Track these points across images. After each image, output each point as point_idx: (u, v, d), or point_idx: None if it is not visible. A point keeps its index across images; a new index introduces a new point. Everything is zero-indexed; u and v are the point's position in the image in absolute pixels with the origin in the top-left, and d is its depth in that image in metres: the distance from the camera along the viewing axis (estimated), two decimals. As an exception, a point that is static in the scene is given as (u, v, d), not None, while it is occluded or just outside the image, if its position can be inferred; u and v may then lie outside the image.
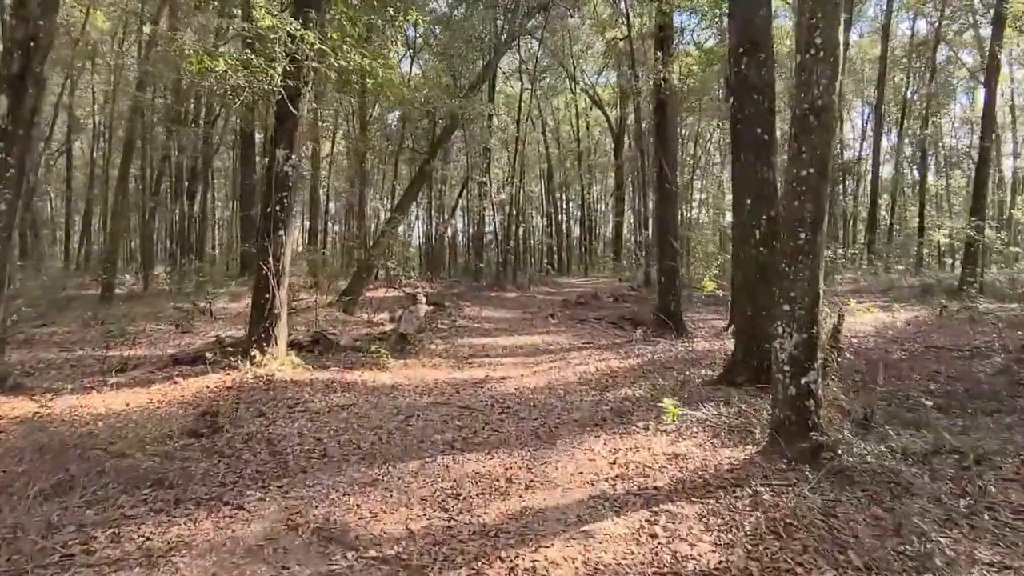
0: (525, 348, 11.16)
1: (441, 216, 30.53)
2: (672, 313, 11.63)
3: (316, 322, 11.48)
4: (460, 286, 22.05)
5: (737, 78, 7.18)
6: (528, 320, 14.96)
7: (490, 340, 11.90)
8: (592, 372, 8.89)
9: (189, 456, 5.24)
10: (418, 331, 11.38)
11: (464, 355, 10.38)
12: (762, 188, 7.11)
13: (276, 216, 8.16)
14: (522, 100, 26.21)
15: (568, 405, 7.08)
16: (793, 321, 4.89)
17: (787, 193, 4.86)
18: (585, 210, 40.75)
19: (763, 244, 7.11)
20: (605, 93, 40.45)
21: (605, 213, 51.63)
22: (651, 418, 6.35)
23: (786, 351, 4.93)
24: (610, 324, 14.15)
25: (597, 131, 45.01)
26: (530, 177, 46.08)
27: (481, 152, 23.99)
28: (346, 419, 6.43)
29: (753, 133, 7.12)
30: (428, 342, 11.21)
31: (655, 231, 12.09)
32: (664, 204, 11.76)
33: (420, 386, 7.99)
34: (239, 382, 7.53)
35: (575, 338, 12.31)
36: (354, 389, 7.63)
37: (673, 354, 10.19)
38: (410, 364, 9.41)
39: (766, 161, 7.13)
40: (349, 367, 8.86)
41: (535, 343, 11.70)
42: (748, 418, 6.07)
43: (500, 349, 11.02)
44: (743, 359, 7.31)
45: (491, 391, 7.78)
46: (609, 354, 10.42)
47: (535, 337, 12.40)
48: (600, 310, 16.36)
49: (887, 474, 4.70)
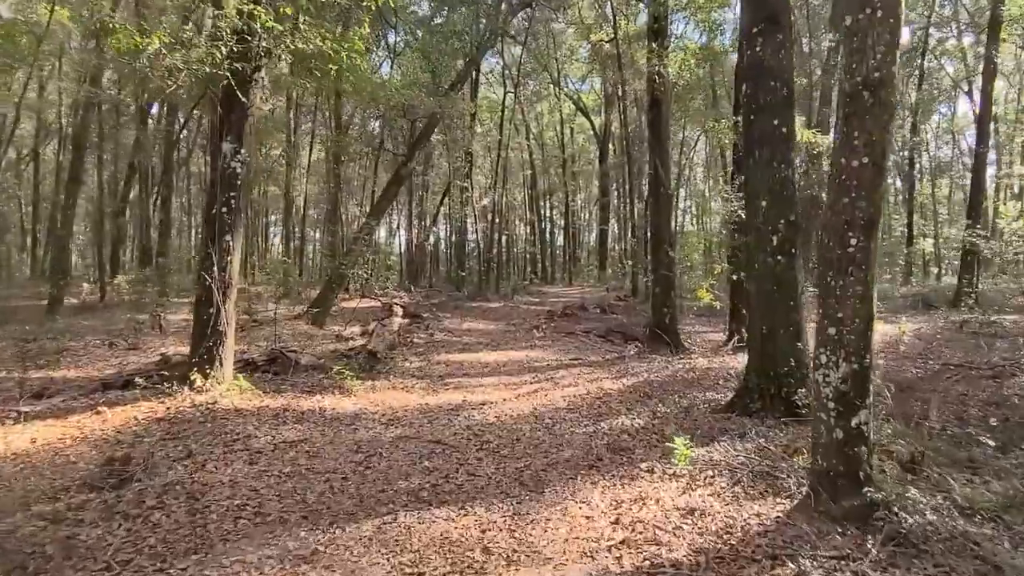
0: (508, 366, 10.12)
1: (423, 224, 29.46)
2: (667, 327, 10.67)
3: (277, 337, 10.35)
4: (441, 296, 20.97)
5: (751, 61, 6.24)
6: (511, 333, 13.93)
7: (470, 356, 10.84)
8: (583, 395, 7.87)
9: (83, 519, 4.13)
10: (391, 347, 10.29)
11: (440, 374, 9.32)
12: (780, 188, 6.16)
13: (222, 219, 7.05)
14: (505, 104, 25.21)
15: (557, 439, 6.04)
16: (840, 347, 3.91)
17: (834, 189, 3.89)
18: (569, 218, 39.84)
19: (781, 252, 6.15)
20: (589, 100, 39.70)
21: (589, 221, 50.84)
22: (656, 457, 5.33)
23: (831, 384, 3.94)
24: (599, 337, 13.16)
25: (581, 138, 44.24)
26: (513, 184, 45.17)
27: (463, 156, 22.99)
28: (294, 460, 5.34)
29: (769, 125, 6.17)
30: (402, 359, 10.13)
31: (648, 238, 11.09)
32: (658, 209, 10.83)
33: (387, 414, 6.91)
34: (173, 412, 6.39)
35: (562, 354, 11.30)
36: (309, 419, 6.53)
37: (671, 373, 9.20)
38: (379, 386, 8.32)
39: (784, 157, 6.18)
40: (308, 391, 7.74)
41: (519, 359, 10.67)
42: (772, 459, 5.07)
43: (480, 367, 9.96)
44: (757, 384, 6.32)
45: (468, 420, 6.72)
46: (600, 372, 9.41)
47: (519, 352, 11.37)
48: (588, 322, 15.37)
49: (958, 539, 3.72)
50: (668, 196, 10.81)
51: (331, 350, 10.43)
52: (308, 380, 8.29)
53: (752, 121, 6.33)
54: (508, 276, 32.35)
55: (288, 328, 12.71)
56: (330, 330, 12.99)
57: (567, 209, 39.50)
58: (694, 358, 10.38)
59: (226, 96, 7.18)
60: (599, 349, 11.79)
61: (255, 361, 8.63)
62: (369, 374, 8.83)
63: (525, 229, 47.39)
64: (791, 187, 6.21)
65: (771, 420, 6.06)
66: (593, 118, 38.23)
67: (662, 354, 10.57)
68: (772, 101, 6.18)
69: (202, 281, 7.02)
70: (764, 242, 6.23)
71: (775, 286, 6.19)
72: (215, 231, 7.01)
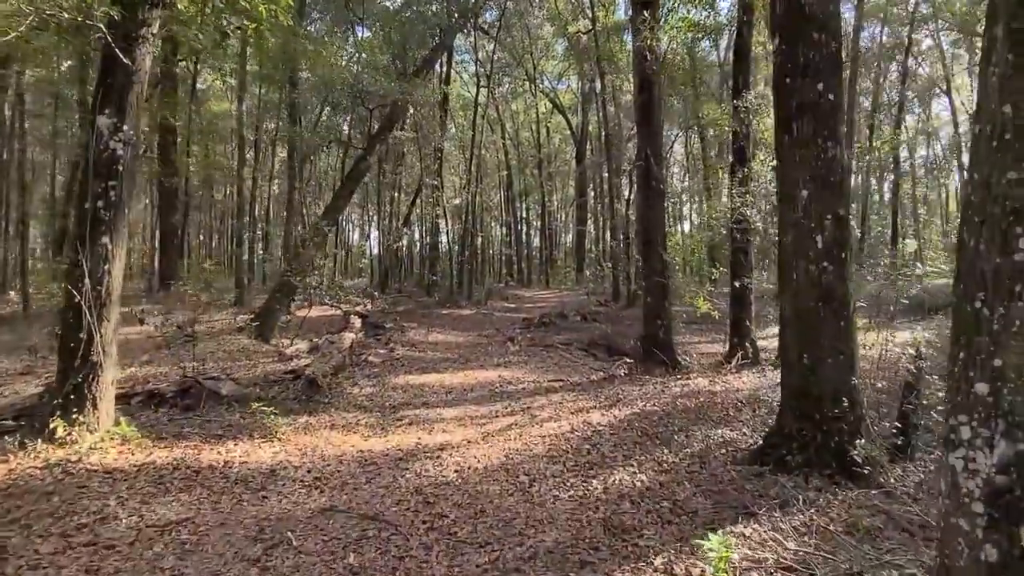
0: (476, 390, 8.49)
1: (393, 225, 27.65)
2: (661, 342, 9.14)
3: (197, 360, 8.59)
4: (409, 302, 19.25)
5: (787, 8, 4.71)
6: (483, 346, 12.29)
7: (433, 378, 9.18)
8: (567, 434, 6.27)
9: None
10: (338, 369, 8.59)
11: (395, 404, 7.64)
12: (826, 172, 4.63)
13: (97, 216, 5.31)
14: (478, 99, 23.57)
15: (536, 509, 4.43)
16: (998, 415, 2.36)
17: (994, 162, 2.34)
18: (546, 219, 38.31)
19: (828, 257, 4.62)
20: (566, 99, 38.25)
21: (566, 222, 49.45)
22: (673, 546, 3.76)
23: (980, 475, 2.39)
24: (581, 351, 11.60)
25: (558, 138, 42.78)
26: (489, 185, 43.53)
27: (433, 153, 21.30)
28: (156, 561, 3.65)
29: (812, 90, 4.64)
30: (350, 384, 8.44)
31: (638, 239, 9.59)
32: (649, 206, 9.29)
33: (315, 468, 5.23)
34: (14, 477, 4.65)
35: (540, 372, 9.70)
36: (205, 482, 4.83)
37: (670, 399, 7.66)
38: (314, 424, 6.63)
39: (832, 132, 4.66)
40: (218, 434, 6.02)
41: (490, 381, 9.04)
42: (843, 550, 3.52)
43: (444, 393, 8.31)
44: (797, 429, 4.78)
45: (420, 477, 5.08)
46: (586, 399, 7.82)
47: (490, 372, 9.74)
48: (567, 332, 13.80)
49: None
50: (660, 191, 9.29)
51: (267, 373, 8.70)
52: (224, 417, 6.56)
53: (788, 87, 4.79)
54: (483, 279, 30.72)
55: (227, 344, 10.93)
56: (276, 345, 11.23)
57: (544, 210, 37.98)
58: (693, 378, 8.86)
59: (104, 56, 5.45)
60: (582, 366, 10.22)
61: (162, 393, 6.88)
62: (306, 406, 7.13)
63: (502, 230, 45.82)
64: (841, 171, 4.68)
65: (818, 479, 4.52)
66: (570, 117, 36.81)
67: (656, 374, 9.03)
68: (816, 59, 4.64)
69: (69, 297, 5.26)
70: (805, 244, 4.69)
71: (820, 301, 4.65)
72: (87, 232, 5.26)
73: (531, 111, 37.80)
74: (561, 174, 44.68)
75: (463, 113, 33.05)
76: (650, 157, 9.08)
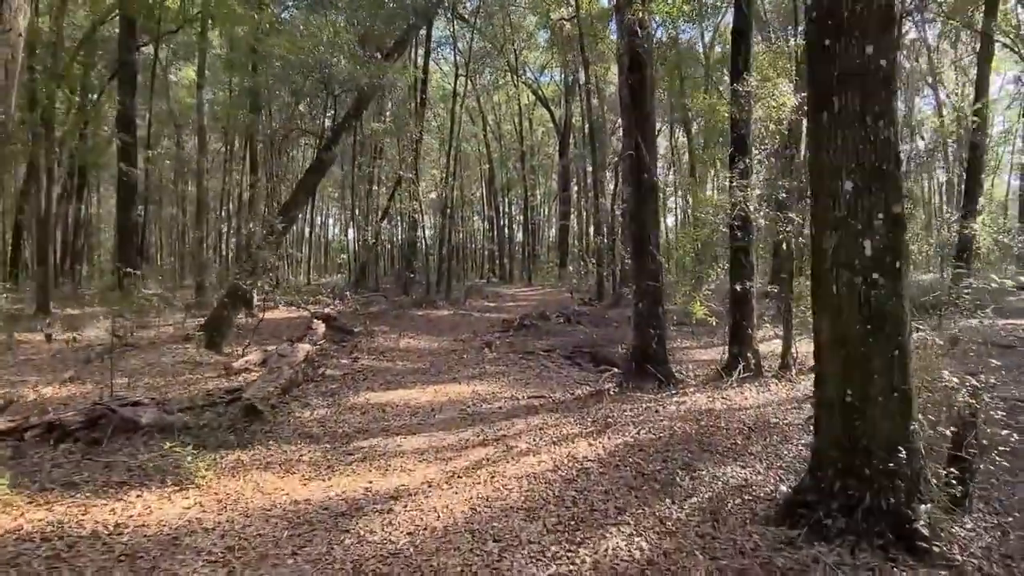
0: (446, 410, 7.38)
1: (371, 220, 26.38)
2: (654, 354, 8.10)
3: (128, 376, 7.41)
4: (383, 302, 18.06)
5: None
6: (457, 353, 11.19)
7: (398, 395, 8.06)
8: (548, 475, 5.19)
9: None
10: (286, 388, 7.45)
11: (349, 431, 6.51)
12: (878, 158, 3.58)
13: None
14: (456, 87, 22.37)
15: (507, 598, 3.37)
16: None
17: None
18: (528, 213, 37.17)
19: (879, 268, 3.58)
20: (549, 91, 37.14)
21: (548, 216, 48.40)
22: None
23: None
24: (565, 359, 10.55)
25: (541, 131, 41.67)
26: (471, 179, 42.29)
27: (410, 144, 20.07)
28: None
29: (859, 55, 3.58)
30: (300, 406, 7.29)
31: (627, 237, 8.53)
32: (640, 201, 8.22)
33: (231, 533, 4.11)
34: None
35: (519, 385, 8.63)
36: (76, 564, 3.68)
37: (667, 423, 6.62)
38: (246, 462, 5.48)
39: (884, 108, 3.61)
40: (120, 481, 4.86)
41: (462, 398, 7.95)
42: None
43: (408, 415, 7.19)
44: (839, 484, 3.75)
45: (362, 545, 3.97)
46: (571, 423, 6.76)
47: (463, 385, 8.65)
48: (549, 336, 12.75)
49: None
50: (653, 184, 8.25)
51: (207, 392, 7.53)
52: (136, 456, 5.39)
53: (826, 52, 3.73)
54: (463, 277, 29.57)
55: (171, 354, 9.72)
56: (230, 354, 10.03)
57: (527, 204, 36.80)
58: (691, 395, 7.84)
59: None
60: (566, 378, 9.16)
61: (64, 425, 5.69)
62: (240, 438, 5.98)
63: (483, 225, 44.67)
64: (894, 158, 3.64)
65: (868, 552, 3.49)
66: (553, 109, 35.70)
67: (648, 389, 7.98)
68: (864, 14, 3.59)
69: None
70: (849, 251, 3.64)
71: (868, 324, 3.61)
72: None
73: (513, 103, 36.63)
74: (544, 168, 43.59)
75: (443, 105, 31.81)
76: (641, 146, 8.01)
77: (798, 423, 6.58)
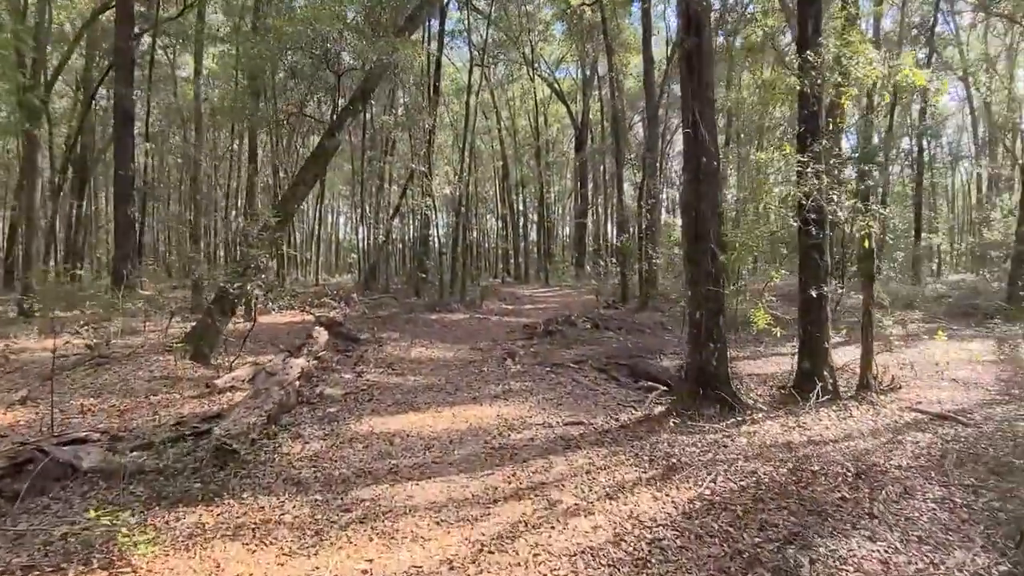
0: (467, 442, 6.00)
1: (380, 218, 25.07)
2: (716, 374, 6.66)
3: (93, 397, 6.09)
4: (393, 305, 16.71)
5: None
6: (477, 364, 9.81)
7: (408, 421, 6.68)
8: (611, 554, 3.77)
9: None
10: (276, 413, 6.09)
11: (348, 474, 5.14)
12: None
13: None
14: (471, 78, 21.00)
15: None
16: None
17: None
18: (544, 211, 35.68)
19: None
20: (565, 85, 35.68)
21: (563, 215, 46.92)
22: None
23: None
24: (599, 372, 9.15)
25: (555, 127, 40.18)
26: (484, 177, 40.88)
27: (424, 136, 18.69)
28: None
29: None
30: (291, 437, 5.93)
31: (684, 234, 7.04)
32: (699, 189, 6.76)
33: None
34: None
35: (551, 408, 7.23)
36: None
37: (748, 466, 5.17)
38: (209, 525, 4.13)
39: None
40: (27, 567, 3.53)
41: (485, 424, 6.56)
42: None
43: (421, 448, 5.81)
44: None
45: None
46: (625, 465, 5.33)
47: (486, 407, 7.26)
48: (578, 344, 11.35)
49: None
50: (714, 169, 6.80)
51: (179, 419, 6.19)
52: (58, 522, 4.06)
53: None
54: (477, 276, 28.14)
55: (150, 367, 8.41)
56: (218, 366, 8.70)
57: (542, 201, 35.31)
58: (761, 423, 6.41)
59: None
60: (603, 396, 7.74)
61: (-20, 472, 4.38)
62: (206, 487, 4.63)
63: (497, 224, 43.31)
64: None
65: None
66: (569, 104, 34.20)
67: (709, 416, 6.54)
68: None
69: None
70: None
71: None
72: None
73: (528, 98, 35.21)
74: (558, 165, 42.11)
75: (456, 100, 30.42)
76: (699, 123, 6.59)
77: (913, 466, 5.15)
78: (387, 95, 23.12)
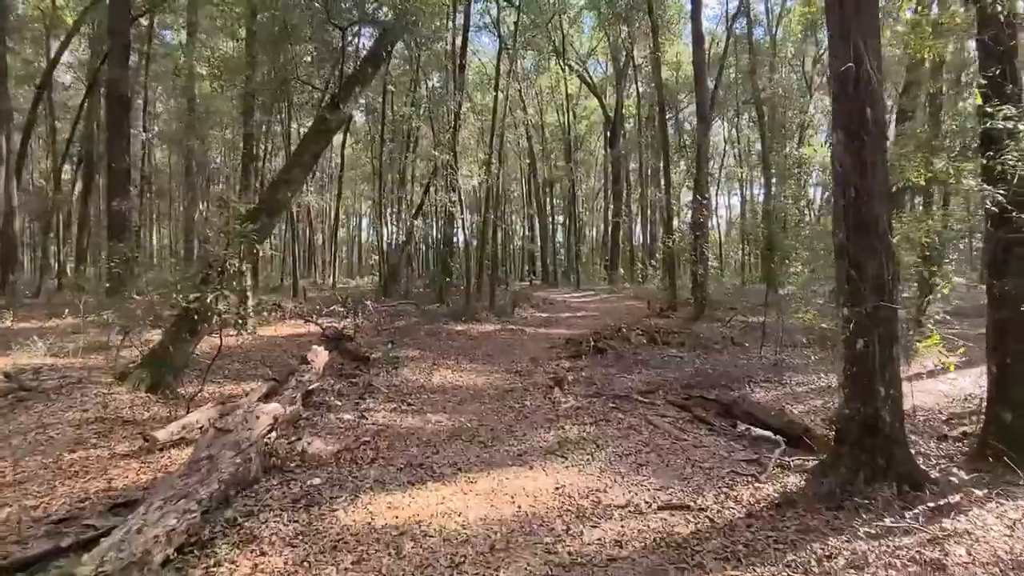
0: (518, 551, 3.71)
1: (401, 218, 22.98)
2: (887, 431, 4.28)
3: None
4: (413, 314, 14.52)
5: None
6: (515, 396, 7.54)
7: (425, 503, 4.39)
8: None
9: None
10: (226, 497, 3.90)
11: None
12: None
13: None
14: (500, 63, 18.78)
15: None
16: None
17: None
18: (574, 210, 33.27)
19: None
20: (596, 79, 33.31)
21: (592, 215, 44.45)
22: None
23: None
24: (682, 412, 6.82)
25: (584, 124, 37.73)
26: (510, 177, 38.59)
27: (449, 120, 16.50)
28: None
29: None
30: (236, 548, 3.68)
31: (839, 220, 4.59)
32: (863, 151, 4.38)
33: None
34: None
35: (631, 474, 4.92)
36: None
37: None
38: None
39: None
40: None
41: (541, 512, 4.26)
42: None
43: (445, 566, 3.55)
44: None
45: None
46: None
47: (536, 474, 4.96)
48: (640, 366, 9.04)
49: None
50: (884, 126, 4.48)
51: (62, 515, 4.02)
52: None
53: None
54: (505, 279, 25.86)
55: (82, 406, 6.23)
56: (176, 402, 6.55)
57: (574, 198, 32.85)
58: (970, 517, 4.03)
59: None
60: (702, 453, 5.41)
61: None
62: None
63: (523, 225, 41.02)
64: None
65: None
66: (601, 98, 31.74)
67: (885, 499, 4.18)
68: None
69: None
70: None
71: None
72: None
73: (557, 92, 32.85)
74: (586, 164, 39.68)
75: (481, 94, 28.23)
76: (864, 56, 4.28)
77: None
78: (409, 88, 21.02)
